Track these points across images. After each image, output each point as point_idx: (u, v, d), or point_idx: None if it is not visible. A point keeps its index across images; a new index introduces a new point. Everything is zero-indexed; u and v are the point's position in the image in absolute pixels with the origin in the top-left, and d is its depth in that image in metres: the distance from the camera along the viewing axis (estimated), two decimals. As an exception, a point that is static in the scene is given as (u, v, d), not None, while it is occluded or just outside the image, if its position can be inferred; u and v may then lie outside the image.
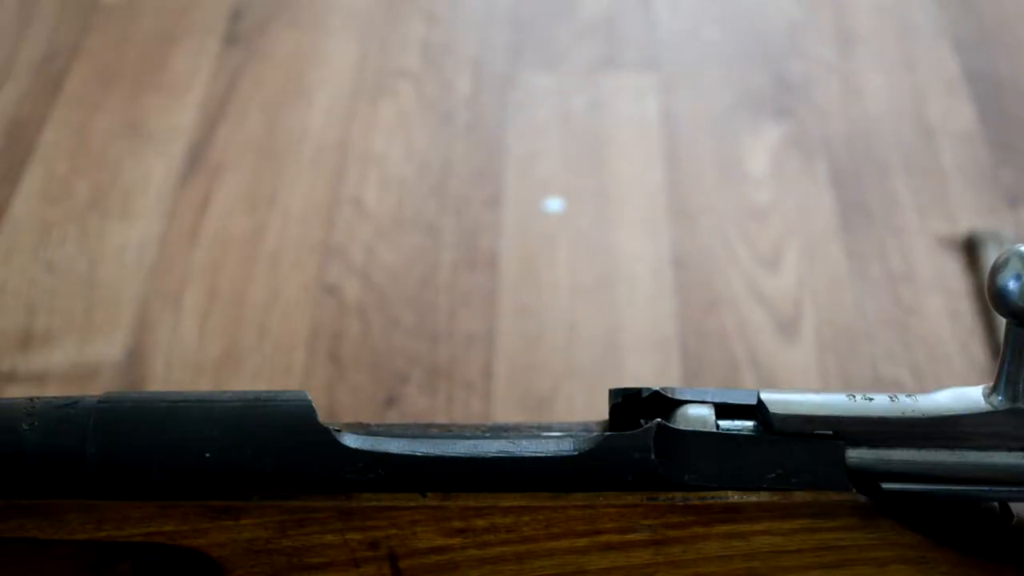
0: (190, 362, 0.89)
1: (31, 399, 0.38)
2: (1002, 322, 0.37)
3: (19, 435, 0.37)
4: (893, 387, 0.85)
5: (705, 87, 1.14)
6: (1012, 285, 0.35)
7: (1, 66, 1.14)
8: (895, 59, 1.18)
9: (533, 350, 0.90)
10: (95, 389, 0.86)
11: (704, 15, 1.22)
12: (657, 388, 0.39)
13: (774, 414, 0.37)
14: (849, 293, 0.95)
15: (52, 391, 0.86)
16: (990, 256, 0.96)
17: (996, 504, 0.39)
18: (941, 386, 0.39)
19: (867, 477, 0.37)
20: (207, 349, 0.90)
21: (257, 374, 0.88)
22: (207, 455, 0.37)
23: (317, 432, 0.37)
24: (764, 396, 0.38)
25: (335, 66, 1.15)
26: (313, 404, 0.37)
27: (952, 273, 0.97)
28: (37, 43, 1.16)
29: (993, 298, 0.36)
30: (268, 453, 0.37)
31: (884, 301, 0.94)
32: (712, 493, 0.37)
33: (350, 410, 0.85)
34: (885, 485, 0.37)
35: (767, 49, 1.18)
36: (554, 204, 1.02)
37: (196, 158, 1.05)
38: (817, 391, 0.38)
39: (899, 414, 0.37)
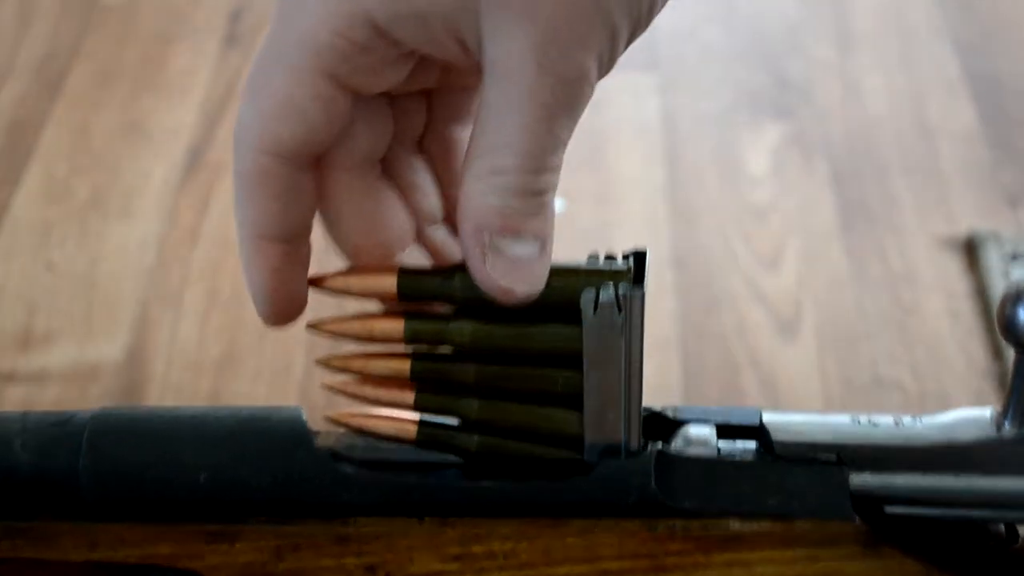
0: (190, 362, 0.89)
1: (23, 414, 0.37)
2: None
3: (12, 454, 0.36)
4: (893, 387, 0.85)
5: (705, 87, 1.14)
6: (1022, 316, 0.35)
7: (1, 66, 1.14)
8: (895, 59, 1.18)
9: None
10: (95, 389, 0.86)
11: (704, 15, 1.22)
12: (657, 409, 0.38)
13: (777, 440, 0.37)
14: (849, 293, 0.95)
15: (52, 391, 0.86)
16: (990, 256, 0.96)
17: (1002, 525, 0.38)
18: (941, 386, 0.39)
19: (870, 501, 0.37)
20: (207, 349, 0.89)
21: (257, 374, 0.88)
22: (201, 479, 0.36)
23: (313, 455, 0.36)
24: (767, 418, 0.37)
25: (335, 66, 1.15)
26: (308, 424, 0.37)
27: (952, 273, 0.97)
28: (37, 43, 1.16)
29: (1004, 329, 0.35)
30: (264, 476, 0.36)
31: (884, 301, 0.94)
32: (713, 522, 0.36)
33: (350, 410, 0.85)
34: (889, 508, 0.37)
35: (767, 49, 1.18)
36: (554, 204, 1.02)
37: (196, 158, 1.05)
38: (821, 412, 0.37)
39: (903, 441, 0.37)
